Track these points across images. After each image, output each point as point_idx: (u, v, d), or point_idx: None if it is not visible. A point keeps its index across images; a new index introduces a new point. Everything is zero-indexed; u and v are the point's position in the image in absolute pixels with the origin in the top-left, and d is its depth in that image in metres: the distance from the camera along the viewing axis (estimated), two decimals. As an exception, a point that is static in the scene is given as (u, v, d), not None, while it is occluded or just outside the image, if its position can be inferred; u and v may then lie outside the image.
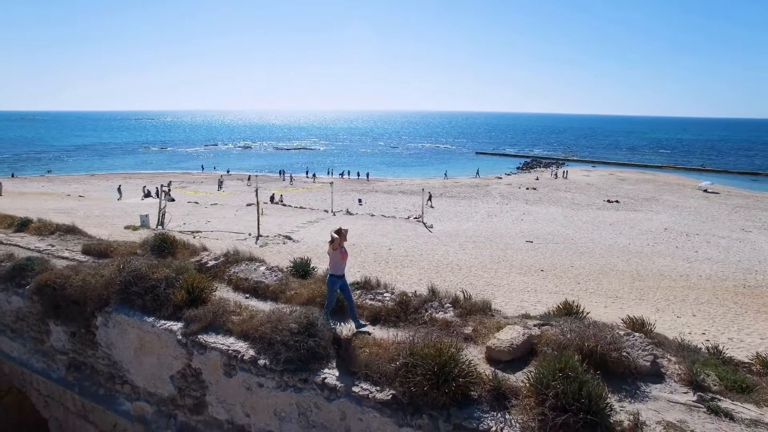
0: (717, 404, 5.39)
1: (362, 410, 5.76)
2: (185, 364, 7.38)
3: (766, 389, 5.80)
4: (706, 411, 5.33)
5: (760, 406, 5.49)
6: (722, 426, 5.11)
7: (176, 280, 8.24)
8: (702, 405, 5.40)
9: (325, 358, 6.35)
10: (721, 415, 5.27)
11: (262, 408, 6.66)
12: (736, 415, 5.30)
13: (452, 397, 5.35)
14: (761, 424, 5.19)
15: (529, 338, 6.31)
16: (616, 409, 5.29)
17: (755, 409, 5.44)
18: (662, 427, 4.98)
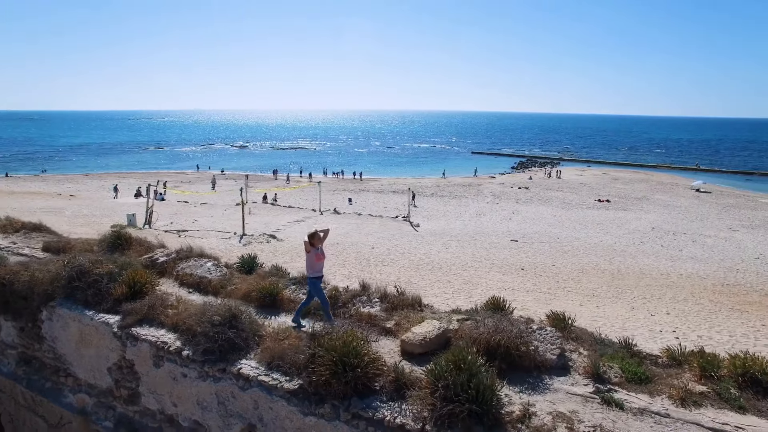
0: (611, 395, 5.58)
1: (272, 399, 5.96)
2: (120, 356, 7.58)
3: (664, 380, 5.99)
4: (599, 402, 5.52)
5: (653, 396, 5.68)
6: (610, 415, 5.29)
7: (119, 275, 8.44)
8: (597, 396, 5.59)
9: (244, 350, 6.54)
10: (613, 405, 5.45)
11: (186, 397, 6.86)
12: (627, 404, 5.48)
13: (354, 388, 5.54)
14: (647, 413, 5.38)
15: (444, 332, 6.50)
16: (511, 400, 5.48)
17: (647, 398, 5.63)
18: (552, 417, 5.16)
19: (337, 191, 59.98)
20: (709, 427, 5.18)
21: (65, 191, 55.17)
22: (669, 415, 5.34)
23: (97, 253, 9.83)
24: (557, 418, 5.12)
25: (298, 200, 50.01)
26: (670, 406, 5.48)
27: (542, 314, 19.98)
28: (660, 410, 5.41)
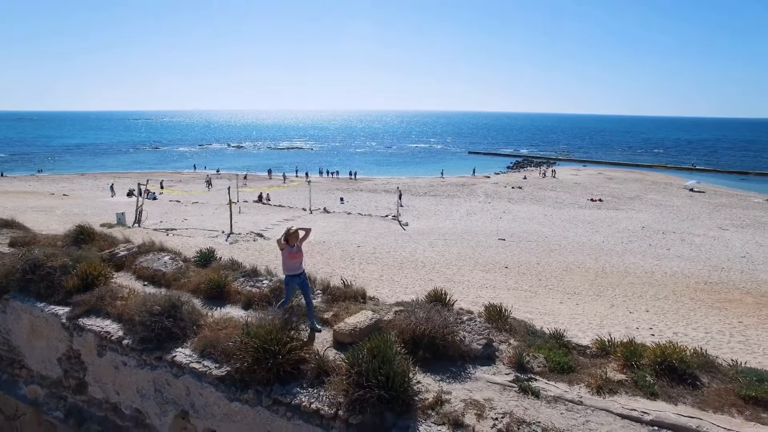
0: (529, 384, 5.71)
1: (202, 386, 6.11)
2: (68, 347, 7.72)
3: (588, 369, 6.12)
4: (517, 390, 5.65)
5: (572, 384, 5.81)
6: (524, 403, 5.42)
7: (72, 268, 8.58)
8: (515, 385, 5.72)
9: (181, 338, 6.69)
10: (529, 393, 5.58)
11: (127, 386, 7.01)
12: (543, 393, 5.62)
13: (276, 374, 5.68)
14: (561, 400, 5.51)
15: (376, 322, 6.63)
16: (428, 388, 5.61)
17: (565, 387, 5.77)
18: (464, 404, 5.30)
19: (330, 191, 60.17)
20: (617, 413, 5.31)
21: (59, 190, 55.37)
22: (582, 402, 5.48)
23: (58, 248, 9.97)
24: (469, 406, 5.25)
25: (289, 199, 50.16)
26: (586, 394, 5.62)
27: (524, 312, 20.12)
28: (574, 398, 5.54)
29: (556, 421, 5.12)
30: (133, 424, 7.15)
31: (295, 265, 7.28)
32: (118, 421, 7.38)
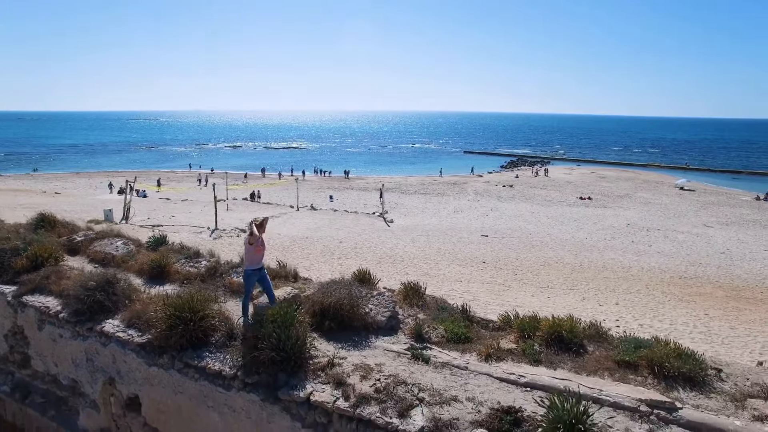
0: (422, 352, 6.16)
1: (125, 353, 6.58)
2: (13, 323, 8.20)
3: (484, 340, 6.57)
4: (409, 357, 6.10)
5: (464, 353, 6.26)
6: (411, 368, 5.87)
7: (24, 251, 9.05)
8: (409, 352, 6.16)
9: (113, 311, 7.17)
10: (420, 360, 6.03)
11: (64, 357, 7.48)
12: (433, 359, 6.07)
13: (189, 340, 6.15)
14: (448, 366, 5.97)
15: (294, 297, 7.11)
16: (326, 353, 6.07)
17: (457, 355, 6.22)
18: (354, 367, 5.75)
19: (322, 189, 60.64)
20: (497, 377, 5.76)
21: (51, 189, 55.87)
22: (467, 368, 5.93)
23: (14, 233, 10.44)
24: (358, 369, 5.70)
25: (279, 197, 50.64)
26: (473, 361, 6.07)
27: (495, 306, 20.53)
28: (461, 364, 5.99)
29: (437, 383, 5.57)
30: (70, 394, 7.61)
31: (258, 258, 6.85)
32: (58, 391, 7.85)
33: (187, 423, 6.26)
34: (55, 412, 7.93)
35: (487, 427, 4.72)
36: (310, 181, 69.66)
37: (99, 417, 7.21)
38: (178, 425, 6.35)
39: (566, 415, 4.35)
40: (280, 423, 5.48)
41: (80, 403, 7.47)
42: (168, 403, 6.34)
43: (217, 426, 5.98)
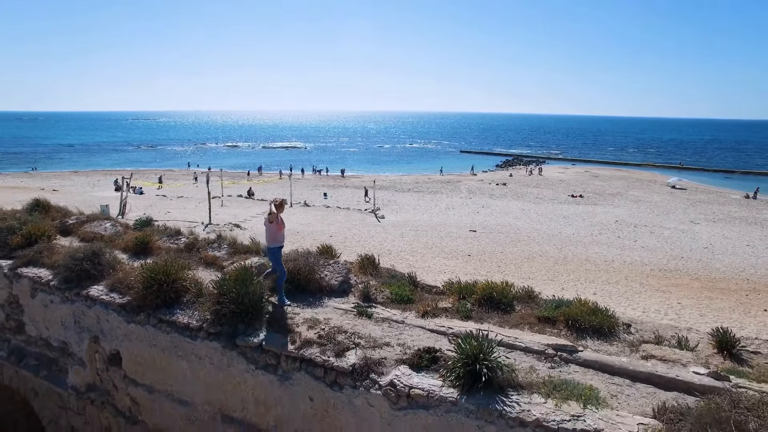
0: (366, 309, 7.01)
1: (107, 313, 7.43)
2: (9, 293, 9.04)
3: (425, 301, 7.41)
4: (355, 314, 6.94)
5: (404, 311, 7.11)
6: (355, 321, 6.72)
7: (19, 229, 9.89)
8: (355, 309, 7.01)
9: (98, 279, 8.01)
10: (363, 315, 6.88)
11: (54, 320, 8.32)
12: (376, 315, 6.92)
13: (164, 300, 7.00)
14: (388, 320, 6.83)
15: (260, 266, 7.94)
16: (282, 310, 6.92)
17: (398, 312, 7.07)
18: (304, 319, 6.60)
19: (317, 187, 61.46)
20: (429, 329, 6.60)
21: (49, 186, 56.66)
22: (404, 322, 6.77)
23: (11, 215, 11.28)
24: (307, 321, 6.55)
25: (274, 194, 51.44)
26: (411, 317, 6.92)
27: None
28: (399, 319, 6.84)
29: (375, 333, 6.41)
30: (60, 354, 8.45)
31: (280, 236, 7.31)
32: (49, 353, 8.69)
33: (160, 372, 7.11)
34: (47, 372, 8.77)
35: (409, 364, 5.55)
36: (306, 180, 70.53)
37: (85, 373, 8.05)
38: (154, 375, 7.20)
39: (470, 350, 5.18)
40: (238, 366, 6.32)
41: (69, 362, 8.31)
42: (144, 355, 7.18)
43: (186, 373, 6.83)
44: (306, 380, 5.83)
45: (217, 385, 6.57)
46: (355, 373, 5.55)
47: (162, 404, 7.20)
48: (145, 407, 7.43)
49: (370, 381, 5.44)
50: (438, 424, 5.03)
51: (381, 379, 5.41)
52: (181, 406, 6.99)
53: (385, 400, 5.30)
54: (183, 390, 6.95)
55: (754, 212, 52.64)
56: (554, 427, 4.55)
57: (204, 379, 6.68)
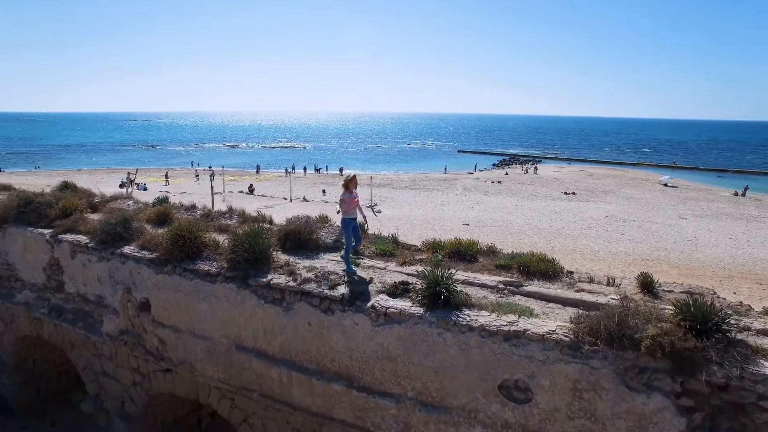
0: (355, 259, 8.48)
1: (139, 267, 8.90)
2: (50, 256, 10.50)
3: (405, 255, 8.88)
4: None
5: (386, 261, 8.59)
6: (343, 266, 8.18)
7: (55, 204, 11.37)
8: (342, 260, 8.48)
9: (129, 240, 9.49)
10: (353, 264, 8.35)
11: (91, 278, 9.78)
12: (362, 264, 8.40)
13: (187, 254, 8.47)
14: (372, 267, 8.29)
15: (267, 229, 9.42)
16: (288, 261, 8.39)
17: (381, 262, 8.55)
18: (303, 266, 8.07)
19: (316, 184, 62.97)
20: (405, 273, 8.07)
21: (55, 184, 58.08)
22: (386, 269, 8.25)
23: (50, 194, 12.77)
24: (305, 267, 8.04)
25: (273, 190, 53.01)
26: (392, 266, 8.40)
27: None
28: (381, 266, 8.32)
29: (361, 275, 7.89)
30: (95, 307, 9.92)
31: (354, 210, 8.04)
32: (86, 307, 10.15)
33: (184, 314, 8.56)
34: (83, 323, 10.22)
35: (387, 293, 7.02)
36: (306, 177, 72.04)
37: (118, 320, 9.50)
38: (178, 316, 8.65)
39: (433, 277, 6.65)
40: (250, 302, 7.78)
41: (104, 312, 9.75)
42: (170, 300, 8.63)
43: (206, 312, 8.28)
44: (305, 309, 7.29)
45: (232, 320, 8.03)
46: (344, 301, 7.01)
47: (185, 341, 8.66)
48: (170, 345, 8.89)
49: (356, 306, 6.91)
50: (407, 333, 6.49)
51: (364, 304, 6.88)
52: (202, 341, 8.45)
53: (367, 319, 6.76)
54: (203, 327, 8.41)
55: (740, 208, 54.11)
56: (494, 330, 6.02)
57: (221, 316, 8.14)
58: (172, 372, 9.08)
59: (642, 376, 5.46)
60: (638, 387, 5.47)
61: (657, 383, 5.42)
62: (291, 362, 7.56)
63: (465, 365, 6.18)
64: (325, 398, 7.27)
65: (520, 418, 6.07)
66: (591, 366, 5.61)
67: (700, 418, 5.37)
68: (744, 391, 5.11)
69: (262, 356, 7.84)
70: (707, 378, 5.21)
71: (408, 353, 6.52)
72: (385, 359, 6.70)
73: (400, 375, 6.65)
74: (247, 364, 7.99)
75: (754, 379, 5.06)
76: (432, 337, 6.33)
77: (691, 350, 5.30)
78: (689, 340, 5.37)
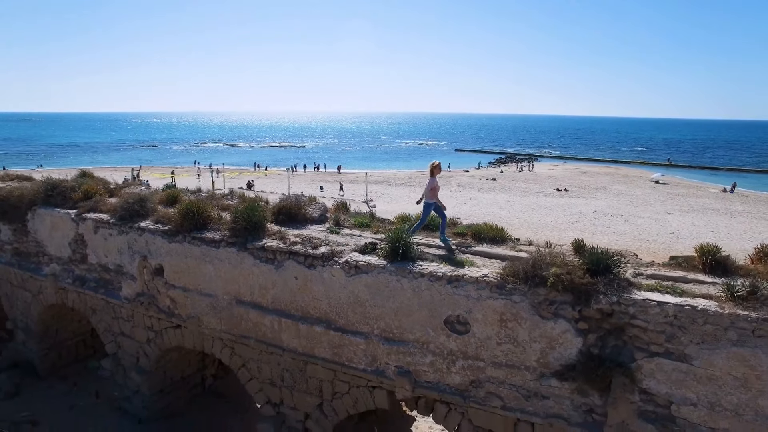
0: (336, 229, 10.11)
1: (154, 237, 10.53)
2: (75, 233, 12.12)
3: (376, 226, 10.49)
4: (327, 232, 10.04)
5: (362, 231, 10.21)
6: (328, 236, 9.80)
7: (78, 188, 13.00)
8: (328, 230, 10.10)
9: (145, 216, 11.13)
10: (333, 233, 9.97)
11: (111, 249, 11.41)
12: (342, 233, 10.02)
13: (195, 226, 10.09)
14: (349, 235, 9.92)
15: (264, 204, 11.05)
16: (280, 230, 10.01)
17: (357, 231, 10.17)
18: (293, 234, 9.68)
19: (314, 181, 64.63)
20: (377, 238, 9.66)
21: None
22: (361, 236, 9.86)
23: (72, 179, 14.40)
24: (294, 234, 9.66)
25: (273, 187, 54.60)
26: (367, 234, 10.01)
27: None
28: (357, 234, 9.93)
29: (340, 240, 9.51)
30: (115, 275, 11.55)
31: (433, 195, 9.10)
32: (106, 275, 11.77)
33: (192, 276, 10.18)
34: (104, 290, 11.83)
35: (358, 251, 8.64)
36: (305, 175, 73.71)
37: (136, 285, 11.11)
38: (187, 278, 10.27)
39: (394, 235, 8.28)
40: (247, 262, 9.41)
41: (122, 279, 11.37)
42: (181, 264, 10.24)
43: (211, 273, 9.90)
44: (293, 265, 8.91)
45: (233, 278, 9.64)
46: (324, 258, 8.63)
47: (193, 299, 10.27)
48: (180, 303, 10.50)
49: (333, 261, 8.52)
50: (373, 281, 8.11)
51: (340, 259, 8.50)
52: (207, 298, 10.07)
53: (342, 271, 8.38)
54: (208, 286, 10.03)
55: (727, 204, 55.63)
56: (439, 275, 7.63)
57: (224, 275, 9.75)
58: (182, 327, 10.69)
59: (551, 306, 7.07)
60: (548, 315, 7.08)
61: (562, 312, 7.02)
62: (281, 311, 9.18)
63: (418, 305, 7.80)
64: (309, 339, 8.89)
65: (461, 346, 7.68)
66: (513, 300, 7.21)
67: (594, 338, 6.97)
68: (621, 314, 6.71)
69: (257, 308, 9.46)
70: (597, 306, 6.82)
71: (374, 298, 8.14)
72: (356, 303, 8.32)
73: (368, 316, 8.27)
74: (245, 316, 9.61)
75: (627, 303, 6.67)
76: (392, 283, 7.94)
77: (586, 285, 6.91)
78: (585, 278, 6.97)
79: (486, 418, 7.66)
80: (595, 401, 7.01)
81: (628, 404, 6.80)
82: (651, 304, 6.60)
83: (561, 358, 7.06)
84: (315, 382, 9.14)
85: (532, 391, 7.28)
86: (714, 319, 6.36)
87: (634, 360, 6.74)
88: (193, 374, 13.08)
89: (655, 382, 6.67)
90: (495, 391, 7.49)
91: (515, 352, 7.34)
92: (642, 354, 6.70)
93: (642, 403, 6.76)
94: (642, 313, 6.63)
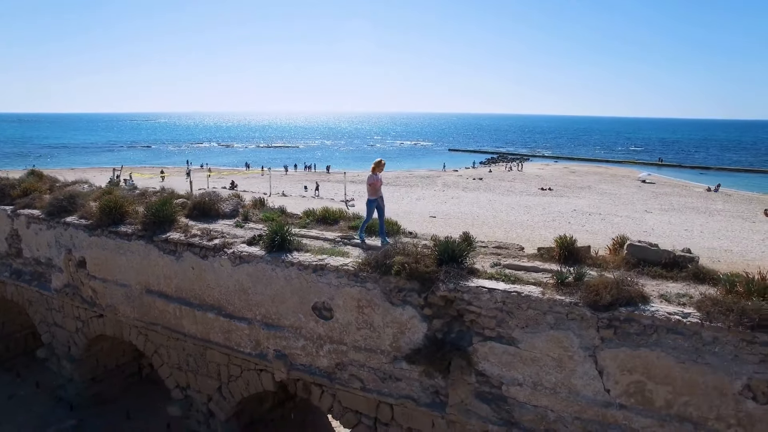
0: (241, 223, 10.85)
1: (77, 232, 11.31)
2: (11, 228, 12.87)
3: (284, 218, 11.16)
4: (234, 226, 10.74)
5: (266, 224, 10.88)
6: (232, 230, 10.48)
7: (18, 186, 13.73)
8: (235, 224, 10.79)
9: (73, 212, 11.86)
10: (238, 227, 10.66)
11: (42, 243, 12.14)
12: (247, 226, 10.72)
13: (114, 220, 10.81)
14: (254, 228, 10.59)
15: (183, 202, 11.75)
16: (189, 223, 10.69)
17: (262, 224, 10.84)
18: (199, 228, 10.37)
19: (301, 181, 65.31)
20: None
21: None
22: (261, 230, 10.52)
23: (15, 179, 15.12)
24: (200, 228, 10.36)
25: (258, 186, 55.36)
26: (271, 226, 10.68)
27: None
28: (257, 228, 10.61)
29: (239, 233, 10.20)
30: (46, 268, 12.29)
31: (374, 192, 9.39)
32: (39, 269, 12.51)
33: (109, 267, 10.91)
34: (37, 282, 12.57)
35: (246, 243, 9.35)
36: (293, 174, 74.49)
37: (63, 276, 11.84)
38: (105, 270, 11.00)
39: (274, 228, 8.97)
40: (153, 254, 10.13)
41: (52, 271, 12.11)
42: (100, 257, 10.96)
43: (124, 264, 10.62)
44: (190, 256, 9.62)
45: (142, 269, 10.36)
46: (215, 249, 9.34)
47: (111, 289, 11.00)
48: (100, 293, 11.23)
49: (222, 252, 9.23)
50: (253, 270, 8.82)
51: (229, 250, 9.21)
52: (122, 288, 10.80)
53: (229, 261, 9.09)
54: (123, 277, 10.75)
55: (708, 203, 56.01)
56: (307, 264, 8.32)
57: (135, 267, 10.47)
58: (103, 316, 11.42)
59: (400, 294, 7.74)
60: (397, 302, 7.75)
61: (409, 299, 7.69)
62: (182, 299, 9.90)
63: (290, 292, 8.49)
64: (205, 325, 9.61)
65: (327, 331, 8.36)
66: (366, 288, 7.89)
67: (439, 323, 7.63)
68: (459, 300, 7.38)
69: (163, 296, 10.18)
70: (439, 293, 7.49)
71: (255, 285, 8.84)
72: (241, 291, 9.03)
73: (251, 303, 8.97)
74: (153, 304, 10.33)
75: (463, 290, 7.33)
76: (268, 272, 8.64)
77: (429, 273, 7.58)
78: (430, 267, 7.64)
79: (352, 399, 8.35)
80: (440, 383, 7.67)
81: (466, 385, 7.46)
82: (483, 291, 7.26)
83: (410, 343, 7.73)
84: (213, 366, 9.85)
85: (387, 373, 7.95)
86: (536, 304, 7.01)
87: (471, 344, 7.40)
88: (128, 363, 13.79)
89: (488, 365, 7.32)
90: (356, 374, 8.18)
91: (372, 336, 8.01)
92: (478, 338, 7.36)
93: (478, 384, 7.42)
94: (476, 300, 7.29)
